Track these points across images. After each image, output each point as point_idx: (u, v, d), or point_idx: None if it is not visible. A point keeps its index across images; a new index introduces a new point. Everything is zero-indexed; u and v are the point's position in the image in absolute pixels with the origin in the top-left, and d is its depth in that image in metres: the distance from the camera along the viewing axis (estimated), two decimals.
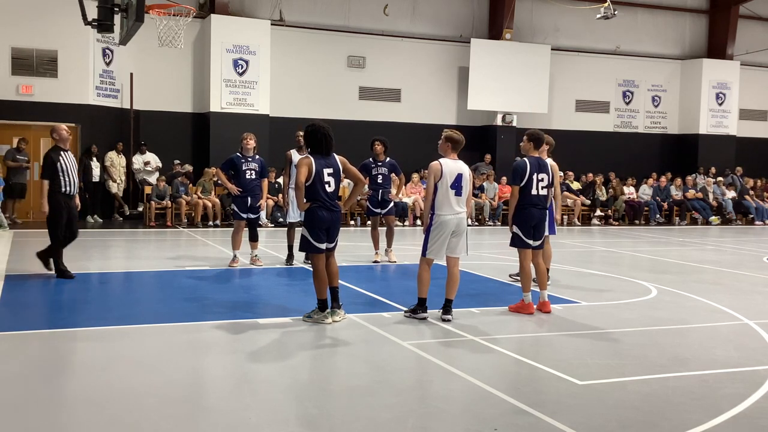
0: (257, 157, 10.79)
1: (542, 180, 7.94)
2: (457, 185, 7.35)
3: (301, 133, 10.58)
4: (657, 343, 6.79)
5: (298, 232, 11.02)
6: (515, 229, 8.01)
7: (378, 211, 11.46)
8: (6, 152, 16.38)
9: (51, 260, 9.54)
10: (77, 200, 9.71)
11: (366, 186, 11.23)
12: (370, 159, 11.44)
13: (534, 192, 7.90)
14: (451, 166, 7.39)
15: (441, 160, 7.44)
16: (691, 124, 24.26)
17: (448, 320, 7.33)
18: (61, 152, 9.40)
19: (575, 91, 23.17)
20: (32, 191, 17.01)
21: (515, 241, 8.06)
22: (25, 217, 16.81)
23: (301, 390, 5.31)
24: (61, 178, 9.30)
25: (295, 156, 10.71)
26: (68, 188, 9.36)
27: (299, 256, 10.95)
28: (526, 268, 7.97)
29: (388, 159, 11.47)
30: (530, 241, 7.98)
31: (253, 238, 10.89)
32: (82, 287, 9.16)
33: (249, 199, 10.62)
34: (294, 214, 10.97)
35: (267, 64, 19.05)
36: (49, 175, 9.29)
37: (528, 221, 7.93)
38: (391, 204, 11.53)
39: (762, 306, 8.68)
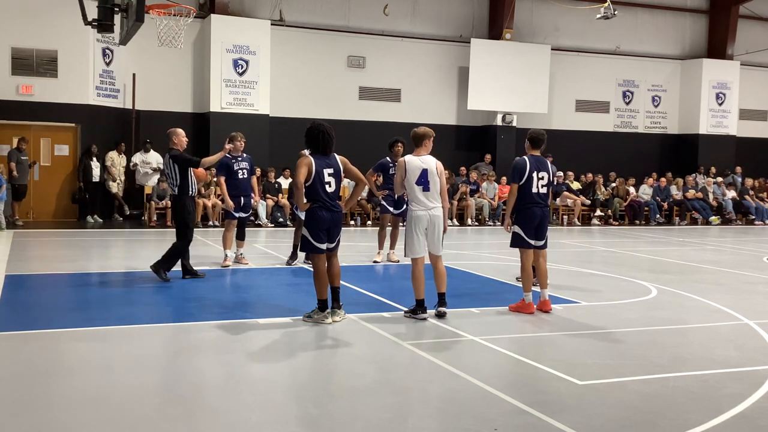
0: (245, 155, 10.80)
1: (542, 178, 7.94)
2: (423, 181, 7.40)
3: None
4: (657, 343, 6.79)
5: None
6: (516, 229, 7.99)
7: (392, 210, 11.46)
8: (9, 153, 16.36)
9: (165, 272, 9.36)
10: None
11: (377, 184, 11.28)
12: (388, 159, 11.43)
13: (534, 190, 7.90)
14: (415, 162, 7.45)
15: (406, 156, 7.56)
16: (691, 124, 24.26)
17: (443, 313, 7.35)
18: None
19: (575, 91, 23.15)
20: (32, 191, 16.98)
21: (516, 241, 8.04)
22: (26, 218, 16.78)
23: (301, 390, 5.31)
24: (189, 180, 9.40)
25: None
26: (194, 190, 9.52)
27: (300, 256, 10.95)
28: (527, 267, 7.96)
29: None
30: (532, 241, 7.98)
31: (241, 237, 10.93)
32: (82, 287, 9.17)
33: (242, 198, 10.65)
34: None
35: (267, 64, 19.05)
36: (180, 177, 9.32)
37: (530, 221, 7.93)
38: (405, 205, 11.58)
39: (762, 306, 8.68)
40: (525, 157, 8.01)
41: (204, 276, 9.66)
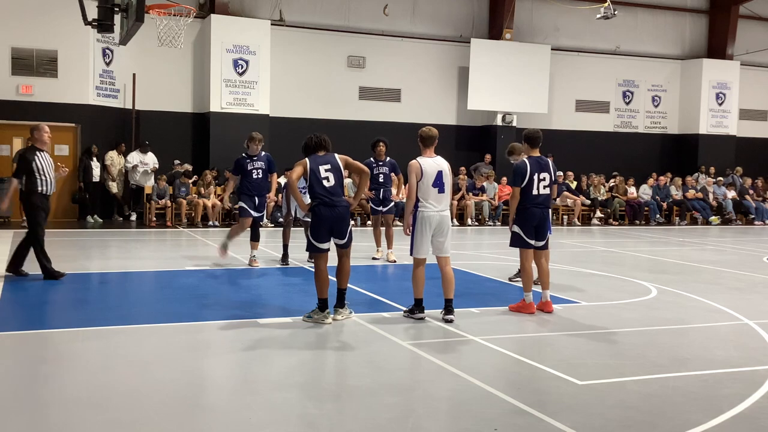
0: (263, 154, 10.79)
1: (543, 179, 7.95)
2: (438, 182, 7.37)
3: None
4: (657, 343, 6.79)
5: (293, 231, 11.10)
6: (516, 228, 8.01)
7: (379, 209, 11.59)
8: (15, 153, 16.31)
9: (22, 268, 9.42)
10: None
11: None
12: (372, 159, 11.58)
13: (535, 192, 7.91)
14: (431, 164, 7.41)
15: (419, 158, 7.47)
16: (691, 124, 24.26)
17: (450, 320, 7.32)
18: (37, 152, 9.31)
19: (575, 91, 23.16)
20: None
21: (516, 241, 8.06)
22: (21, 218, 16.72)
23: (301, 390, 5.31)
24: (38, 177, 9.24)
25: None
26: (45, 188, 9.32)
27: (298, 256, 10.95)
28: (527, 268, 7.97)
29: (388, 159, 11.62)
30: (532, 241, 7.99)
31: (255, 238, 10.89)
32: (82, 287, 9.17)
33: (256, 198, 10.63)
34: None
35: (267, 64, 19.05)
36: (24, 174, 9.20)
37: (529, 221, 7.94)
38: (392, 204, 11.68)
39: (762, 306, 8.68)
40: (525, 160, 7.99)
41: (65, 275, 9.39)
